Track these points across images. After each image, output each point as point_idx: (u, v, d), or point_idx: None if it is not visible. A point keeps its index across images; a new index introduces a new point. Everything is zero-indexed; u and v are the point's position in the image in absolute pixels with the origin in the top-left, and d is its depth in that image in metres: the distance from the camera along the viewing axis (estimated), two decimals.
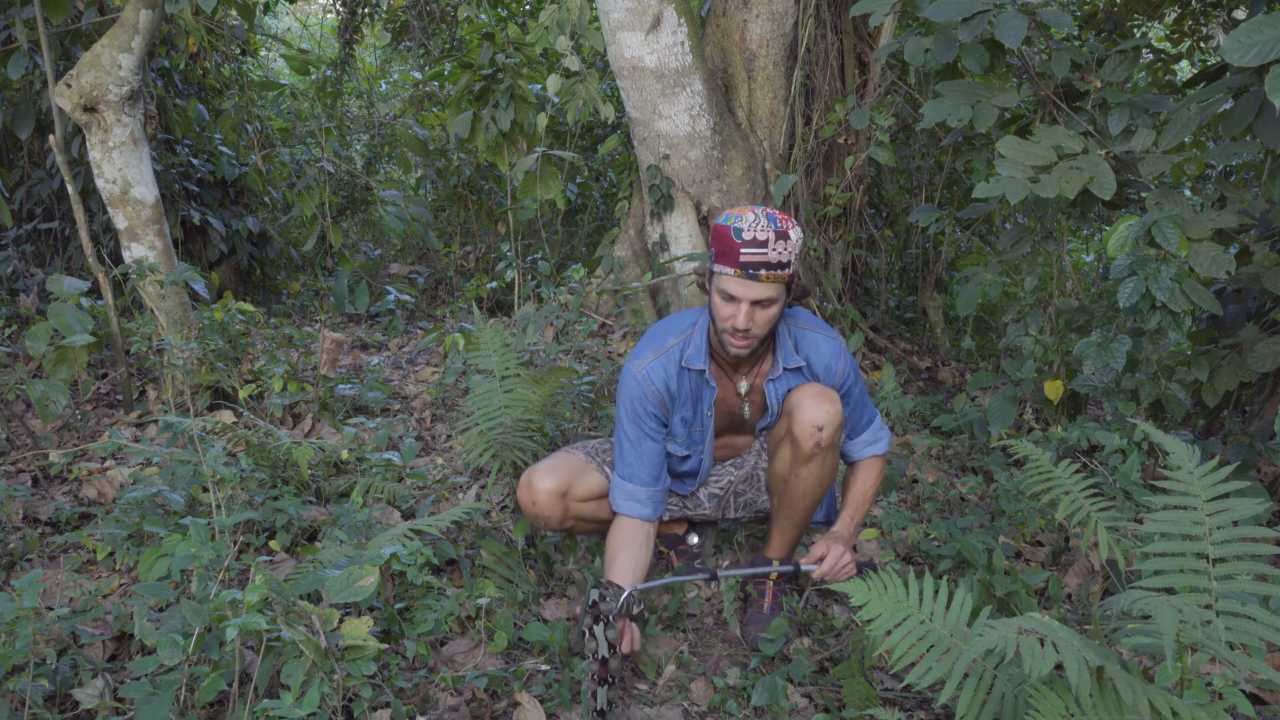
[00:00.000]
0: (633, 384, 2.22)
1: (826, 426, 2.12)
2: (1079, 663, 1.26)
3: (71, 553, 2.66)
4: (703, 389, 2.25)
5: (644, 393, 2.21)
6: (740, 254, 1.99)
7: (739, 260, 1.99)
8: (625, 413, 2.24)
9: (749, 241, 1.98)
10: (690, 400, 2.26)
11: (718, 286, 2.07)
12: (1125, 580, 2.31)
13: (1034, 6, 2.73)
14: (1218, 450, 2.84)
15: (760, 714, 2.03)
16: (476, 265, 6.14)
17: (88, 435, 3.52)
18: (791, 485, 2.24)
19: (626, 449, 2.24)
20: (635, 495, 2.22)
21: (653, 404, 2.21)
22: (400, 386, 4.14)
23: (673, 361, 2.22)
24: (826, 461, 2.19)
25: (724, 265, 2.02)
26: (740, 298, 2.03)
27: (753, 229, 1.99)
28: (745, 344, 2.10)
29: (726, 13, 4.26)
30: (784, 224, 2.01)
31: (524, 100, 4.65)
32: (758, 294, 2.02)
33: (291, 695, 1.61)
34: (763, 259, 1.99)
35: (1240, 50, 2.29)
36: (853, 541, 2.28)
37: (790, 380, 2.25)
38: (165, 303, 3.75)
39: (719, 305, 2.08)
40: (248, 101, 5.75)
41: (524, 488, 2.30)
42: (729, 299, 2.05)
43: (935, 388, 4.29)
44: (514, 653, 2.21)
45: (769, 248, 1.99)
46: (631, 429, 2.23)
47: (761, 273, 1.99)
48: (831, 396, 2.15)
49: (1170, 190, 2.80)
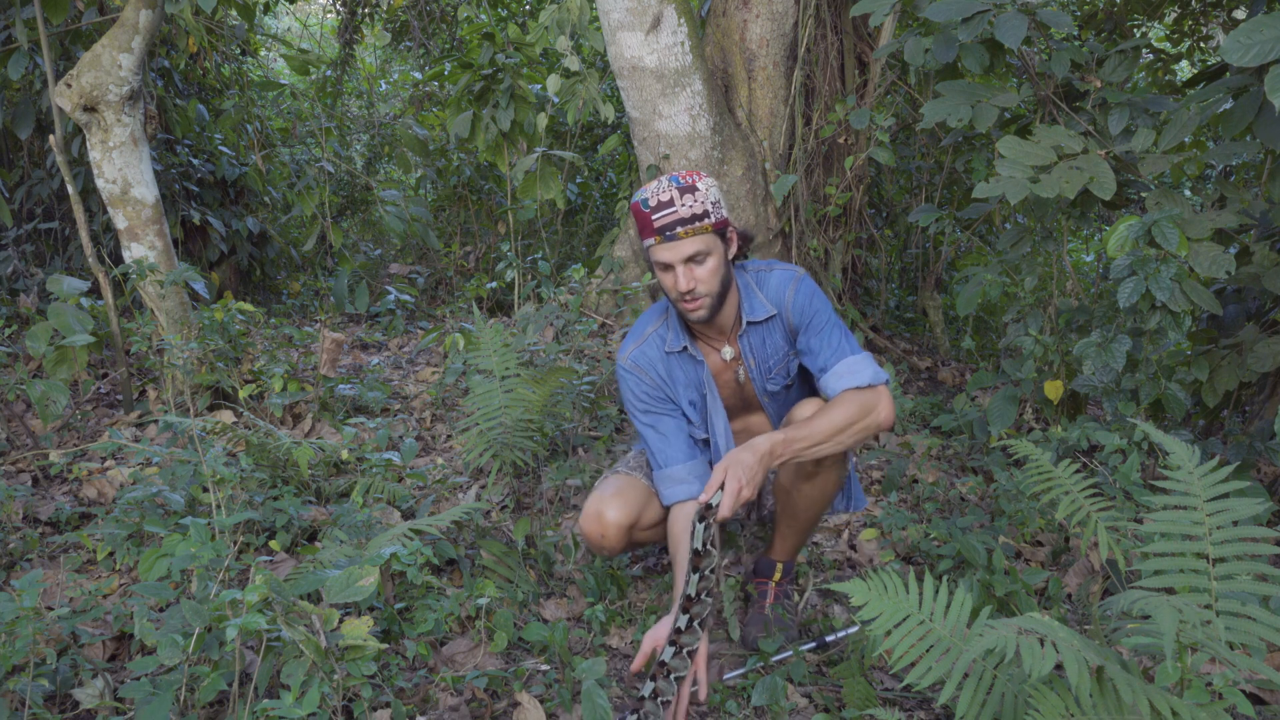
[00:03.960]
0: (626, 376, 2.24)
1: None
2: (1079, 663, 1.26)
3: (71, 553, 2.66)
4: (694, 368, 2.25)
5: (638, 379, 2.22)
6: (654, 220, 2.04)
7: (655, 227, 2.04)
8: (633, 407, 2.24)
9: (655, 206, 2.04)
10: (691, 383, 2.25)
11: (652, 260, 2.10)
12: (1125, 580, 2.31)
13: (1034, 6, 2.73)
14: (1218, 450, 2.83)
15: (760, 714, 2.03)
16: (476, 265, 6.14)
17: (88, 435, 3.52)
18: (794, 498, 2.24)
19: (652, 439, 2.22)
20: (678, 477, 2.18)
21: (651, 386, 2.22)
22: (400, 386, 4.14)
23: (655, 349, 2.24)
24: (830, 477, 2.18)
25: (647, 238, 2.07)
26: (671, 262, 2.05)
27: (655, 194, 2.04)
28: (696, 305, 2.10)
29: (726, 13, 4.26)
30: (687, 179, 2.05)
31: (524, 100, 4.65)
32: (686, 251, 2.04)
33: (291, 695, 1.61)
34: (674, 217, 2.03)
35: (1240, 50, 2.29)
36: (771, 460, 1.96)
37: (764, 333, 2.22)
38: (165, 303, 3.75)
39: (661, 277, 2.11)
40: (248, 101, 5.75)
41: (592, 519, 2.21)
42: (665, 268, 2.08)
43: (935, 388, 4.29)
44: (514, 653, 2.21)
45: (676, 205, 2.03)
46: (645, 417, 2.23)
47: (678, 230, 2.03)
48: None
49: (1170, 190, 2.80)
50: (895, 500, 2.99)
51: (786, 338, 2.23)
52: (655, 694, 1.80)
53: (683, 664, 1.80)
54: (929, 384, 4.35)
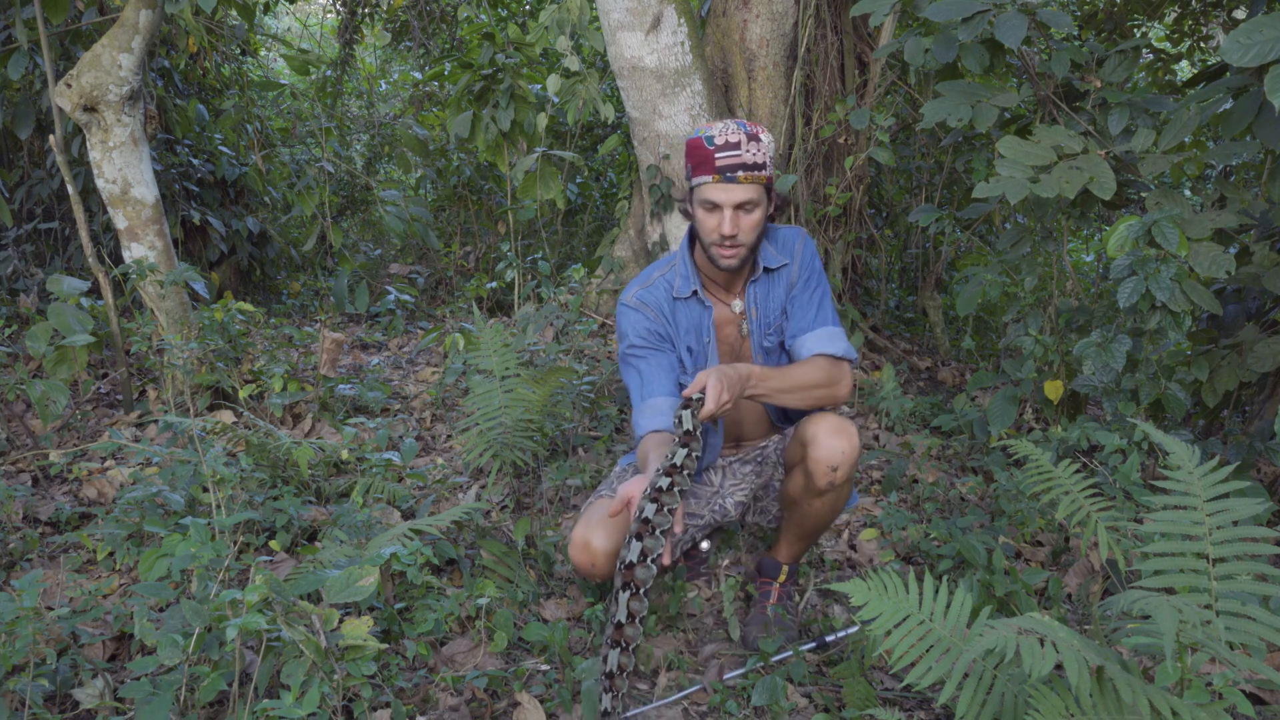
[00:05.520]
0: (628, 313, 2.21)
1: (841, 467, 2.08)
2: (1079, 663, 1.25)
3: (71, 553, 2.66)
4: (700, 314, 2.23)
5: (641, 315, 2.20)
6: (716, 159, 2.00)
7: (715, 165, 2.01)
8: (630, 340, 2.20)
9: (722, 146, 2.00)
10: (693, 329, 2.23)
11: (699, 198, 2.06)
12: (1125, 580, 2.31)
13: (1034, 6, 2.73)
14: (1218, 450, 2.83)
15: (760, 714, 2.03)
16: (476, 265, 6.14)
17: (88, 435, 3.52)
18: (803, 510, 2.23)
19: (643, 369, 2.18)
20: (659, 408, 2.13)
21: (653, 322, 2.20)
22: (400, 386, 4.14)
23: (662, 292, 2.21)
24: (841, 494, 2.17)
25: (702, 175, 2.03)
26: (722, 203, 2.03)
27: (724, 134, 2.01)
28: (734, 253, 2.09)
29: (726, 13, 4.26)
30: (754, 128, 2.04)
31: (524, 100, 4.65)
32: (739, 196, 2.02)
33: (291, 695, 1.61)
34: (738, 160, 2.00)
35: (1240, 50, 2.28)
36: (746, 385, 2.00)
37: (770, 285, 2.22)
38: (165, 303, 3.75)
39: (703, 218, 2.08)
40: (248, 101, 5.75)
41: (580, 549, 2.07)
42: (711, 208, 2.05)
43: (935, 388, 4.29)
44: (514, 653, 2.21)
45: (742, 149, 2.00)
46: (639, 352, 2.19)
47: (739, 174, 2.01)
48: (849, 432, 2.09)
49: (1170, 190, 2.80)
50: (895, 500, 2.99)
51: (787, 291, 2.23)
52: (644, 555, 1.79)
53: (665, 520, 1.79)
54: (929, 384, 4.35)
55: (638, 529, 1.78)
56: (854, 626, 2.24)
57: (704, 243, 2.12)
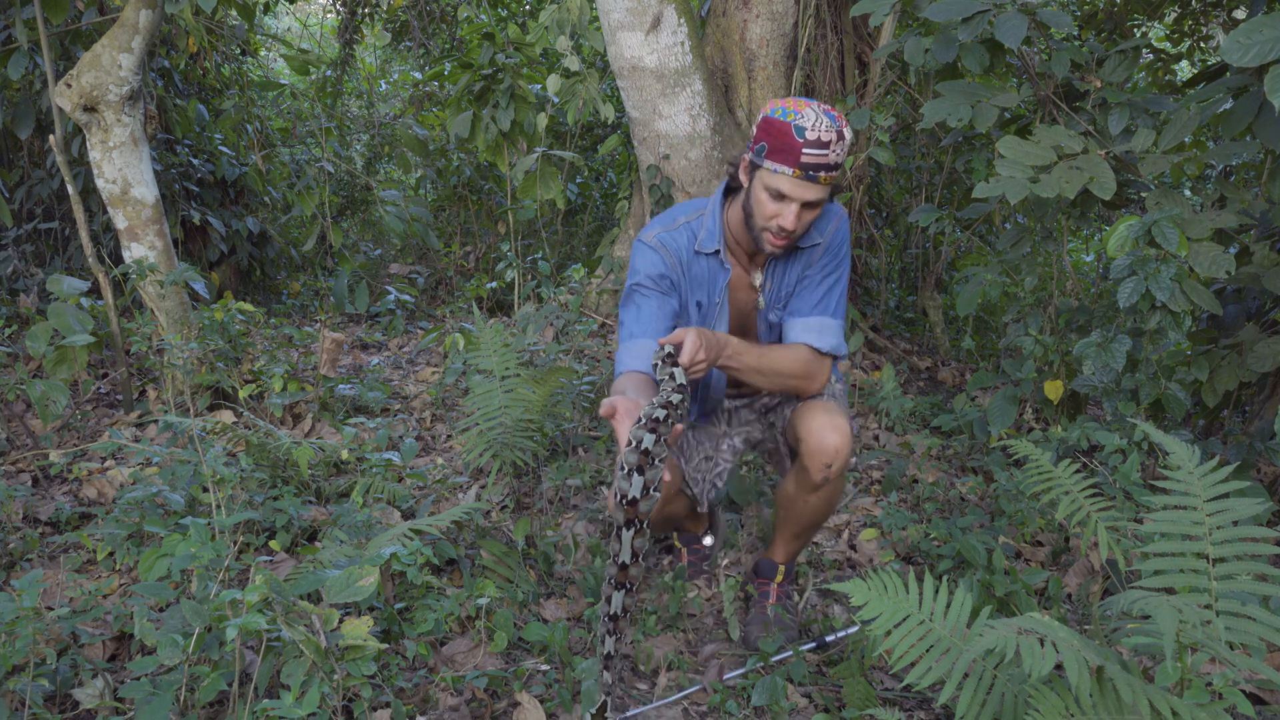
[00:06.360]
0: (645, 251, 2.11)
1: (835, 462, 2.08)
2: (1079, 663, 1.26)
3: (71, 553, 2.66)
4: (717, 274, 2.14)
5: (658, 257, 2.10)
6: (802, 155, 1.87)
7: (799, 161, 1.87)
8: (639, 278, 2.10)
9: (813, 142, 1.86)
10: (705, 285, 2.15)
11: (766, 183, 1.94)
12: (1125, 580, 2.31)
13: (1034, 6, 2.73)
14: (1218, 450, 2.83)
15: (760, 714, 2.03)
16: (476, 265, 6.14)
17: (88, 435, 3.52)
18: (799, 508, 2.23)
19: (643, 307, 2.09)
20: (646, 351, 2.05)
21: (668, 268, 2.10)
22: (400, 386, 4.14)
23: (684, 240, 2.12)
24: (835, 489, 2.18)
25: (780, 164, 1.90)
26: (792, 197, 1.92)
27: (816, 128, 1.86)
28: (784, 243, 2.00)
29: (726, 13, 4.26)
30: (841, 122, 1.91)
31: (524, 100, 4.65)
32: (812, 195, 1.92)
33: (291, 695, 1.61)
34: (824, 160, 1.88)
35: (1240, 50, 2.28)
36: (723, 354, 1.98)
37: (793, 260, 2.13)
38: (165, 303, 3.75)
39: (764, 202, 1.96)
40: (248, 101, 5.74)
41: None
42: (778, 197, 1.94)
43: (935, 388, 4.29)
44: (514, 653, 2.21)
45: (830, 149, 1.87)
46: (644, 291, 2.10)
47: (821, 175, 1.89)
48: (841, 426, 2.09)
49: (1170, 190, 2.80)
50: (895, 500, 2.99)
51: (806, 268, 2.15)
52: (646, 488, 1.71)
53: (662, 450, 1.73)
54: (929, 384, 4.35)
55: (637, 461, 1.68)
56: (854, 626, 2.24)
57: (754, 222, 2.01)
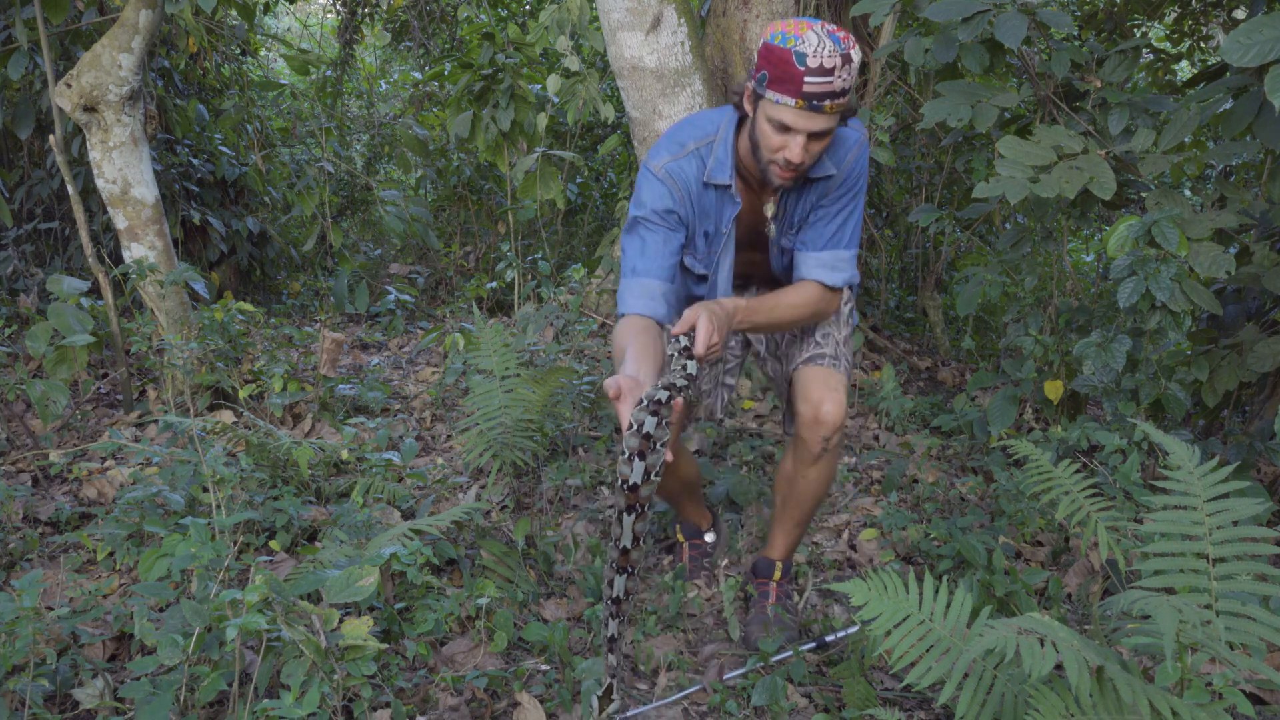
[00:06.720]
0: (653, 182, 1.99)
1: (833, 434, 2.09)
2: (1079, 663, 1.26)
3: (71, 553, 2.66)
4: (727, 206, 2.04)
5: (665, 190, 1.99)
6: (804, 84, 1.74)
7: (801, 90, 1.75)
8: (645, 211, 2.00)
9: (815, 70, 1.73)
10: (713, 216, 2.05)
11: (769, 114, 1.82)
12: (1125, 580, 2.31)
13: (1034, 6, 2.73)
14: (1218, 450, 2.83)
15: (760, 714, 2.03)
16: (476, 265, 6.14)
17: (88, 435, 3.52)
18: (798, 486, 2.23)
19: (648, 240, 1.98)
20: (649, 290, 1.95)
21: (675, 202, 1.99)
22: (400, 386, 4.14)
23: (693, 170, 2.00)
24: (831, 461, 2.18)
25: (781, 94, 1.77)
26: (798, 129, 1.80)
27: (818, 54, 1.73)
28: (791, 175, 1.89)
29: (726, 13, 4.26)
30: (847, 44, 1.76)
31: (524, 100, 4.65)
32: (818, 126, 1.79)
33: (291, 695, 1.61)
34: (828, 88, 1.74)
35: (1240, 50, 2.28)
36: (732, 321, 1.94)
37: (807, 189, 2.02)
38: (165, 303, 3.75)
39: (768, 134, 1.84)
40: (248, 101, 5.75)
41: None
42: (782, 129, 1.82)
43: (935, 388, 4.29)
44: (514, 653, 2.21)
45: (835, 75, 1.74)
46: (648, 224, 1.99)
47: (826, 104, 1.76)
48: (837, 396, 2.09)
49: (1170, 190, 2.80)
50: (895, 500, 2.99)
51: (821, 197, 2.06)
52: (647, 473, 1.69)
53: (664, 433, 1.71)
54: (929, 384, 4.35)
55: (639, 445, 1.66)
56: (854, 626, 2.24)
57: (760, 154, 1.90)
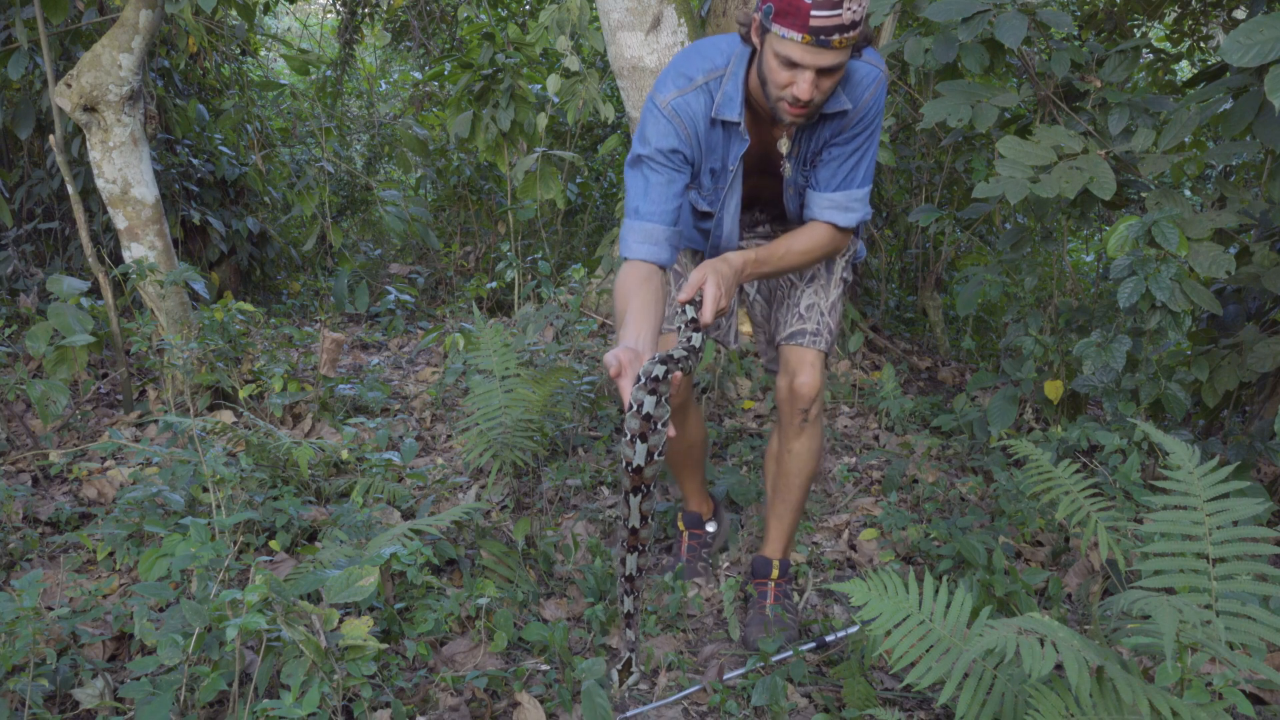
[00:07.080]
0: (660, 120, 1.93)
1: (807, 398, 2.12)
2: (1079, 663, 1.26)
3: (71, 553, 2.66)
4: (734, 142, 1.98)
5: (672, 129, 1.92)
6: (810, 17, 1.67)
7: (808, 24, 1.68)
8: (650, 149, 1.94)
9: (822, 2, 1.66)
10: (720, 152, 2.00)
11: (776, 49, 1.75)
12: (1125, 580, 2.31)
13: (1034, 6, 2.73)
14: (1218, 450, 2.83)
15: (760, 714, 2.03)
16: (476, 265, 6.14)
17: (88, 435, 3.52)
18: (785, 463, 2.25)
19: (651, 181, 1.93)
20: (652, 235, 1.91)
21: (681, 140, 1.93)
22: (400, 386, 4.14)
23: (701, 106, 1.93)
24: (815, 432, 2.20)
25: (787, 28, 1.70)
26: (806, 65, 1.73)
27: None
28: (802, 113, 1.82)
29: (726, 13, 4.26)
30: None
31: (524, 100, 4.65)
32: (827, 61, 1.73)
33: (291, 695, 1.61)
34: (836, 21, 1.67)
35: (1240, 50, 2.28)
36: (741, 276, 1.92)
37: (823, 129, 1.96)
38: (165, 303, 3.75)
39: (775, 70, 1.78)
40: (248, 101, 5.75)
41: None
42: (789, 65, 1.75)
43: (935, 388, 4.29)
44: (514, 653, 2.21)
45: (843, 7, 1.67)
46: (656, 166, 1.93)
47: (834, 38, 1.69)
48: (813, 370, 2.12)
49: (1170, 190, 2.80)
50: (895, 500, 2.99)
51: (835, 134, 2.00)
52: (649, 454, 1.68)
53: (664, 411, 1.70)
54: (929, 384, 4.35)
55: (639, 427, 1.65)
56: (854, 626, 2.24)
57: (769, 90, 1.84)
